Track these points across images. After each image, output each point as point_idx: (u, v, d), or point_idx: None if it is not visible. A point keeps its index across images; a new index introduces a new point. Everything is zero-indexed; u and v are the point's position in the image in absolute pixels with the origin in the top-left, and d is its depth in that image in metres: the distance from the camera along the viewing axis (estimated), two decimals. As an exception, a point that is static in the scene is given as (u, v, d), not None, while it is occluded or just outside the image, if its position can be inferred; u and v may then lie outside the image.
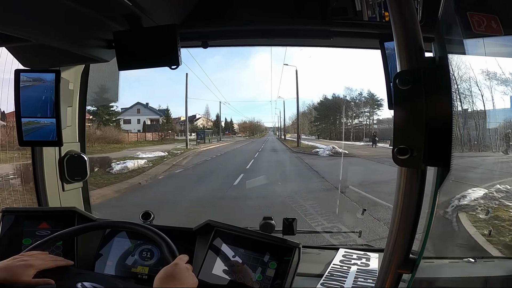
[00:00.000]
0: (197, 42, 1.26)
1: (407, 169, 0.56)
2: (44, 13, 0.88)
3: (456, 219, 3.26)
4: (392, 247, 0.58)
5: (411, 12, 0.54)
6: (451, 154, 0.54)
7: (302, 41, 1.42)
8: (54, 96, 1.15)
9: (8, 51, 1.11)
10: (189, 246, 1.08)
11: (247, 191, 7.56)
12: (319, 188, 7.78)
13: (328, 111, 31.54)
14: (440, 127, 0.54)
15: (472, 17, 0.89)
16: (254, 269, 0.96)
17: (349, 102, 30.43)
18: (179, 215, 5.33)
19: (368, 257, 1.21)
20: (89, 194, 1.53)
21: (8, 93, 2.28)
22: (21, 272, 0.80)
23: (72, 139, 1.43)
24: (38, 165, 1.34)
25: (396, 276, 0.60)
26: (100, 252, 1.09)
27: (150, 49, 1.04)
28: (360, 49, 1.42)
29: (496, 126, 3.27)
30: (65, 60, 1.20)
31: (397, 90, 0.55)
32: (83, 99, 1.45)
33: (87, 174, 1.44)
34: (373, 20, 1.07)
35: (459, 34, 0.70)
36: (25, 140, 1.18)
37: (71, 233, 0.98)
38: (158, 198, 7.18)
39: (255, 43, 1.41)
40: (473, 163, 3.93)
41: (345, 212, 5.22)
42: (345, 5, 1.08)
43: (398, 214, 0.57)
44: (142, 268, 1.05)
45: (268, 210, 5.28)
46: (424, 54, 0.55)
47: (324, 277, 1.08)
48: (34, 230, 1.12)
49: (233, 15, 1.15)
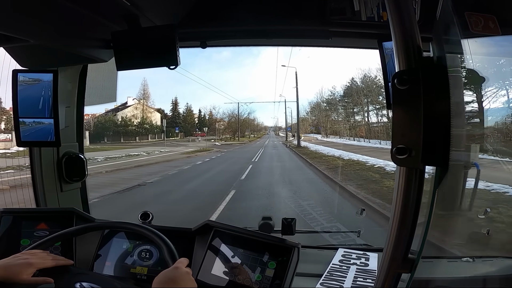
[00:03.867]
0: (195, 42, 1.26)
1: (406, 168, 0.56)
2: (42, 14, 0.87)
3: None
4: (391, 247, 0.58)
5: (409, 12, 0.54)
6: (450, 154, 0.54)
7: (301, 41, 1.43)
8: (52, 96, 1.15)
9: (6, 51, 1.10)
10: (188, 246, 1.07)
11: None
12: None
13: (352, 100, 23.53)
14: (438, 127, 0.54)
15: (470, 17, 0.89)
16: (253, 269, 0.95)
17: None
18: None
19: (367, 257, 1.21)
20: (87, 194, 1.53)
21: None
22: (20, 271, 0.80)
23: (71, 139, 1.42)
24: (36, 166, 1.34)
25: (395, 276, 0.60)
26: (99, 253, 1.08)
27: (149, 49, 1.04)
28: (359, 49, 1.42)
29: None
30: (63, 60, 1.19)
31: (396, 90, 0.55)
32: (81, 99, 1.44)
33: (85, 175, 1.44)
34: (371, 20, 1.08)
35: (457, 34, 0.70)
36: (23, 141, 1.17)
37: (69, 234, 0.98)
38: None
39: (253, 43, 1.41)
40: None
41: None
42: (343, 5, 1.08)
43: (397, 214, 0.57)
44: (141, 269, 1.05)
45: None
46: (422, 54, 0.55)
47: (324, 277, 1.08)
48: (32, 231, 1.11)
49: (232, 16, 1.15)
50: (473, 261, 1.14)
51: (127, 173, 11.18)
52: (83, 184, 1.49)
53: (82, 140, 1.48)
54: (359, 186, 7.57)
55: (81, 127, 1.47)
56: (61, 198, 1.38)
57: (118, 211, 5.80)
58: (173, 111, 25.67)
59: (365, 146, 16.84)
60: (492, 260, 1.18)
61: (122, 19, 1.01)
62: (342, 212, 5.51)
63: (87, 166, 1.43)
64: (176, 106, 25.45)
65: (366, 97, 23.15)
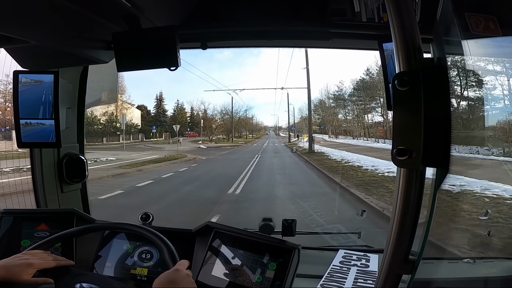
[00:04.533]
0: (196, 43, 1.26)
1: (406, 169, 0.56)
2: (42, 15, 0.87)
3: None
4: (392, 248, 0.58)
5: (409, 13, 0.54)
6: (450, 155, 0.54)
7: (301, 43, 1.43)
8: (53, 97, 1.15)
9: (6, 52, 1.11)
10: (188, 247, 1.07)
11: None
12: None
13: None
14: (439, 128, 0.54)
15: (470, 18, 0.89)
16: (253, 270, 0.95)
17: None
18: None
19: (368, 258, 1.21)
20: (88, 195, 1.53)
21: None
22: (20, 271, 0.80)
23: (71, 140, 1.42)
24: (36, 167, 1.34)
25: (395, 277, 0.59)
26: (99, 254, 1.08)
27: (149, 50, 1.04)
28: (359, 50, 1.42)
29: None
30: (64, 62, 1.19)
31: (396, 91, 0.55)
32: (82, 100, 1.45)
33: (86, 176, 1.44)
34: (372, 21, 1.08)
35: (457, 35, 0.70)
36: (24, 142, 1.17)
37: (70, 235, 0.98)
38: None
39: (254, 44, 1.42)
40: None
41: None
42: (343, 6, 1.08)
43: (397, 215, 0.57)
44: (141, 270, 1.05)
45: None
46: (423, 55, 0.55)
47: (324, 278, 1.08)
48: (33, 232, 1.11)
49: (232, 17, 1.15)
50: (474, 262, 1.14)
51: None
52: (83, 185, 1.49)
53: (82, 141, 1.49)
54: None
55: (81, 128, 1.47)
56: (61, 199, 1.39)
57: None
58: (158, 108, 20.76)
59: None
60: (492, 261, 1.18)
61: (123, 20, 1.01)
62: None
63: (87, 167, 1.44)
64: (161, 102, 20.60)
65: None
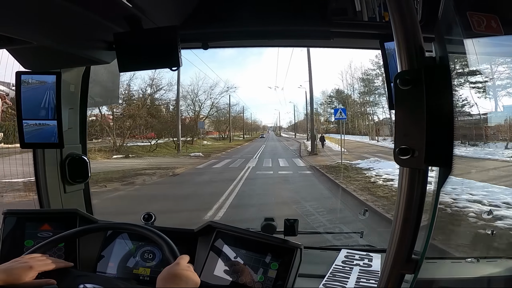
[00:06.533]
0: (197, 43, 1.26)
1: (409, 169, 0.56)
2: (45, 15, 0.88)
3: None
4: (394, 248, 0.58)
5: (411, 12, 0.54)
6: (453, 154, 0.54)
7: (303, 42, 1.43)
8: (55, 98, 1.15)
9: (9, 53, 1.11)
10: (191, 247, 1.07)
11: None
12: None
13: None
14: (441, 127, 0.53)
15: (472, 16, 0.89)
16: (255, 270, 0.95)
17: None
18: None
19: (370, 258, 1.21)
20: (90, 196, 1.54)
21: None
22: (21, 274, 0.80)
23: (74, 141, 1.43)
24: (39, 167, 1.34)
25: (398, 277, 0.59)
26: (102, 254, 1.09)
27: (151, 51, 1.05)
28: (361, 49, 1.42)
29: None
30: (66, 62, 1.20)
31: (398, 91, 0.55)
32: (84, 101, 1.45)
33: (88, 176, 1.44)
34: (373, 20, 1.07)
35: (459, 34, 0.70)
36: (27, 142, 1.18)
37: (72, 235, 0.98)
38: None
39: (255, 44, 1.41)
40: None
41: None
42: (344, 5, 1.08)
43: (400, 214, 0.57)
44: (143, 270, 1.05)
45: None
46: (425, 54, 0.55)
47: (326, 278, 1.08)
48: (36, 232, 1.12)
49: (233, 17, 1.15)
50: (477, 262, 1.14)
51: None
52: (86, 186, 1.49)
53: (85, 142, 1.49)
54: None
55: (84, 129, 1.48)
56: (64, 199, 1.39)
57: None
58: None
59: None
60: (496, 260, 1.17)
61: (124, 21, 1.02)
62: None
63: (90, 167, 1.44)
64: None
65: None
